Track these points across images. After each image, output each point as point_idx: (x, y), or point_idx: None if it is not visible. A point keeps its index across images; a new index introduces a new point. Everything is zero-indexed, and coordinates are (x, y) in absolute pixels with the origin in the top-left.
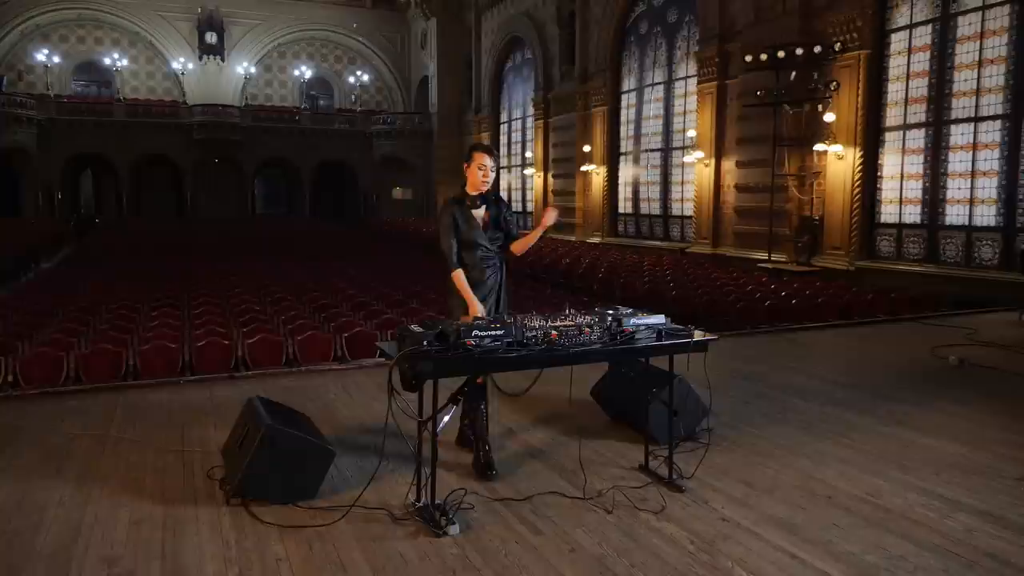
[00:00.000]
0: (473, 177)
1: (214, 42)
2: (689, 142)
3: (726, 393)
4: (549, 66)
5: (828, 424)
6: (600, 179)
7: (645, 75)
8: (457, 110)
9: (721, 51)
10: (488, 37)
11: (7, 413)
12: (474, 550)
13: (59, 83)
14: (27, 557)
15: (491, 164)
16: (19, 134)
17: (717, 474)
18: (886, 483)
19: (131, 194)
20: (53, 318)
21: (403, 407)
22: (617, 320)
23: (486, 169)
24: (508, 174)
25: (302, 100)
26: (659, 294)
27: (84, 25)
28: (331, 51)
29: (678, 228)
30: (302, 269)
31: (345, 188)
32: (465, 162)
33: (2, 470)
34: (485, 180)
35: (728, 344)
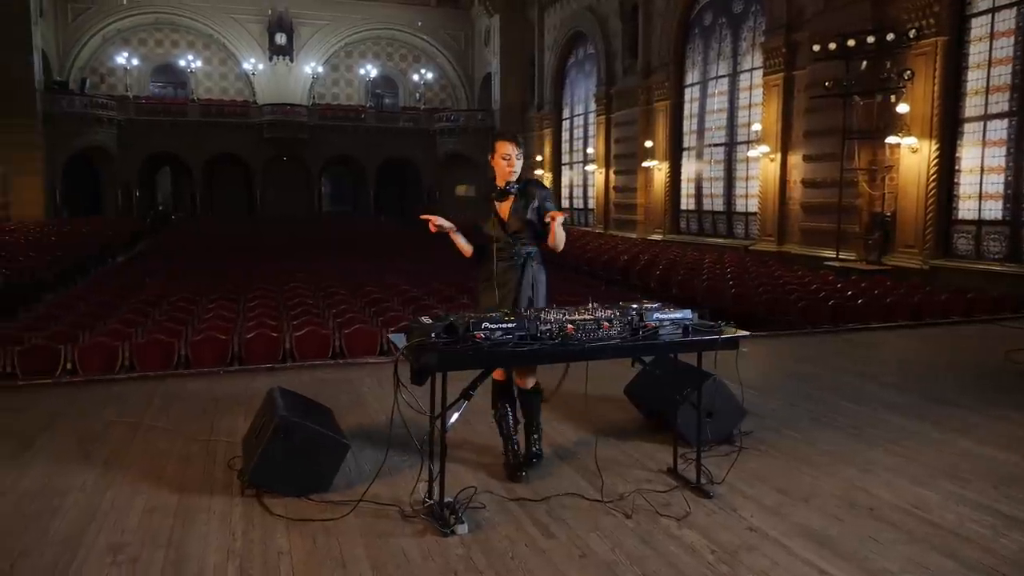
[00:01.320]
0: (499, 168)
1: (284, 43)
2: (754, 136)
3: (773, 395)
4: (611, 61)
5: (880, 430)
6: (662, 175)
7: (709, 68)
8: (520, 107)
9: (788, 41)
10: (551, 33)
11: (56, 399)
12: (480, 551)
13: (138, 85)
14: (39, 541)
15: (515, 152)
16: (100, 134)
17: (751, 480)
18: (937, 495)
19: (204, 192)
20: (116, 310)
21: (411, 401)
22: (639, 315)
23: (510, 158)
24: (570, 171)
25: (368, 99)
26: (718, 292)
27: (161, 29)
28: (396, 50)
29: (742, 225)
30: (361, 265)
31: (408, 185)
32: (489, 153)
33: (37, 453)
34: (510, 169)
35: (784, 344)
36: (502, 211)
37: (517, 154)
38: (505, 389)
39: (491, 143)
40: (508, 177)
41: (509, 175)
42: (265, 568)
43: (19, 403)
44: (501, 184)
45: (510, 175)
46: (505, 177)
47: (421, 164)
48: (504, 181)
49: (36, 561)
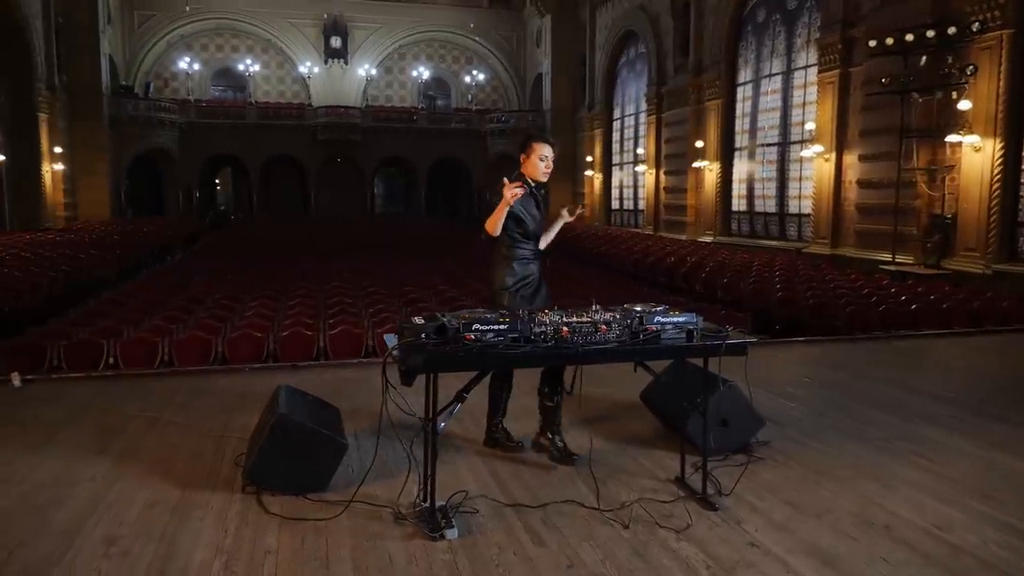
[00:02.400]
0: (534, 170)
1: (338, 46)
2: (808, 136)
3: (802, 403)
4: (662, 60)
5: (910, 443)
6: (713, 175)
7: (762, 66)
8: (570, 107)
9: (844, 37)
10: (602, 33)
11: (87, 392)
12: (466, 557)
13: (199, 89)
14: (39, 531)
15: (552, 155)
16: (162, 136)
17: (762, 492)
18: (962, 515)
19: (260, 192)
20: (161, 307)
21: (400, 403)
22: (640, 318)
23: (548, 160)
24: (620, 171)
25: (420, 100)
26: (763, 295)
27: (222, 34)
28: (449, 52)
29: (795, 227)
30: (408, 265)
31: (460, 186)
32: (522, 153)
33: (58, 444)
34: (547, 172)
35: (824, 350)
36: (536, 209)
37: (553, 157)
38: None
39: (525, 143)
40: (541, 179)
41: (543, 177)
42: (250, 566)
43: (52, 394)
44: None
45: (543, 177)
46: (540, 178)
47: (472, 165)
48: (538, 182)
49: (32, 551)
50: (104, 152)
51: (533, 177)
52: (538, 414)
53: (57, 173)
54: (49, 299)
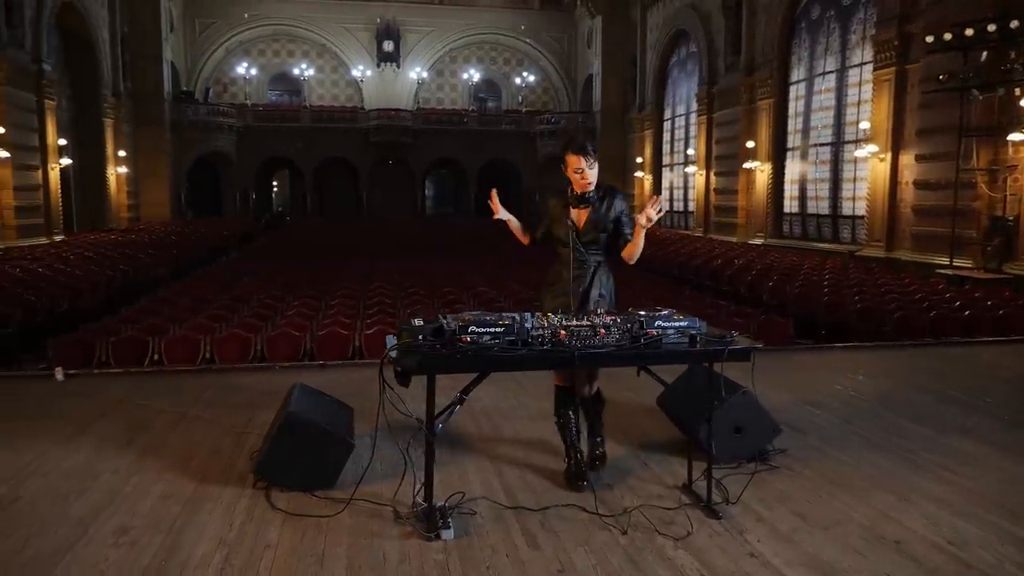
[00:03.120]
0: (572, 181)
1: (391, 50)
2: (862, 135)
3: (829, 410)
4: (714, 59)
5: (937, 455)
6: (764, 176)
7: (815, 64)
8: (620, 108)
9: (901, 33)
10: (653, 33)
11: (123, 387)
12: (459, 558)
13: (256, 93)
14: (57, 519)
15: (587, 164)
16: (221, 140)
17: (771, 502)
18: (980, 531)
19: (314, 194)
20: (208, 305)
21: (397, 404)
22: (640, 322)
23: (583, 171)
24: (670, 172)
25: (471, 102)
26: (810, 299)
27: (279, 39)
28: (500, 54)
29: (848, 229)
30: (454, 266)
31: (509, 188)
32: (561, 164)
33: (89, 437)
34: (584, 181)
35: (866, 356)
36: (578, 218)
37: (589, 164)
38: (568, 396)
39: (561, 155)
40: (585, 188)
41: (586, 186)
42: (249, 559)
43: (90, 389)
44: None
45: (587, 186)
46: (583, 188)
47: (522, 166)
48: (581, 190)
49: (47, 539)
50: (165, 155)
51: (575, 186)
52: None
53: (121, 176)
54: (107, 297)
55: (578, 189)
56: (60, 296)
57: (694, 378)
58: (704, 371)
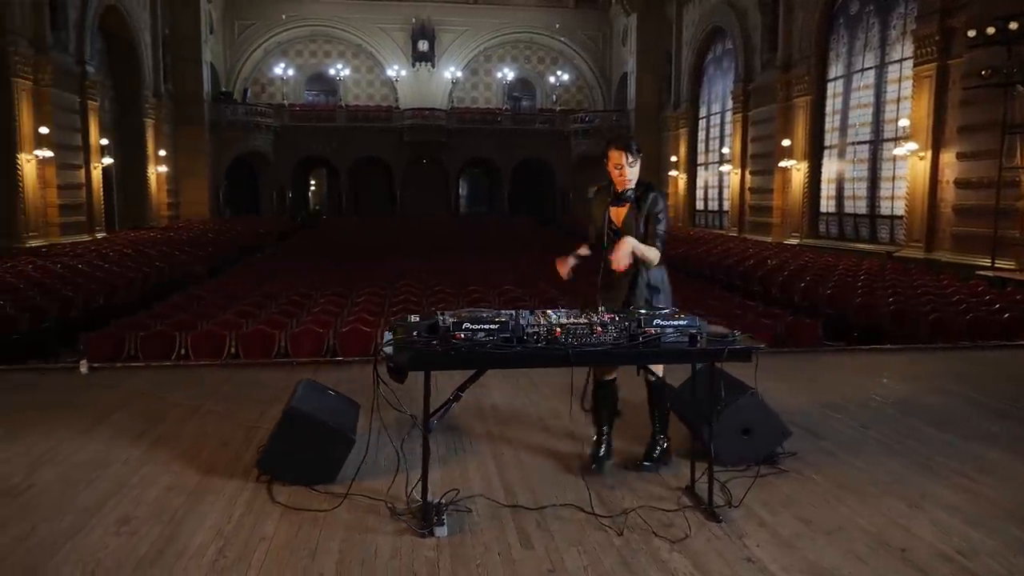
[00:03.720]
0: (612, 176)
1: (426, 49)
2: (902, 133)
3: (847, 414)
4: (750, 56)
5: (955, 461)
6: (800, 175)
7: (854, 60)
8: (655, 106)
9: (943, 27)
10: (689, 30)
11: (144, 380)
12: (449, 556)
13: (293, 94)
14: (64, 507)
15: (627, 161)
16: (258, 140)
17: (775, 506)
18: (992, 541)
19: (349, 193)
20: (237, 302)
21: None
22: (639, 321)
23: (622, 168)
24: (705, 171)
25: (505, 101)
26: (842, 300)
27: (316, 40)
28: (534, 52)
29: (887, 229)
30: (481, 265)
31: (543, 187)
32: (603, 159)
33: (105, 428)
34: (622, 178)
35: (890, 359)
36: (617, 216)
37: (631, 161)
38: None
39: (604, 150)
40: (623, 185)
41: (624, 184)
42: (243, 551)
43: (113, 382)
44: (619, 189)
45: (625, 184)
46: (621, 185)
47: (555, 165)
48: (620, 188)
49: (53, 525)
50: (205, 155)
51: (615, 183)
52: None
53: (161, 175)
54: (142, 293)
55: (617, 186)
56: (97, 292)
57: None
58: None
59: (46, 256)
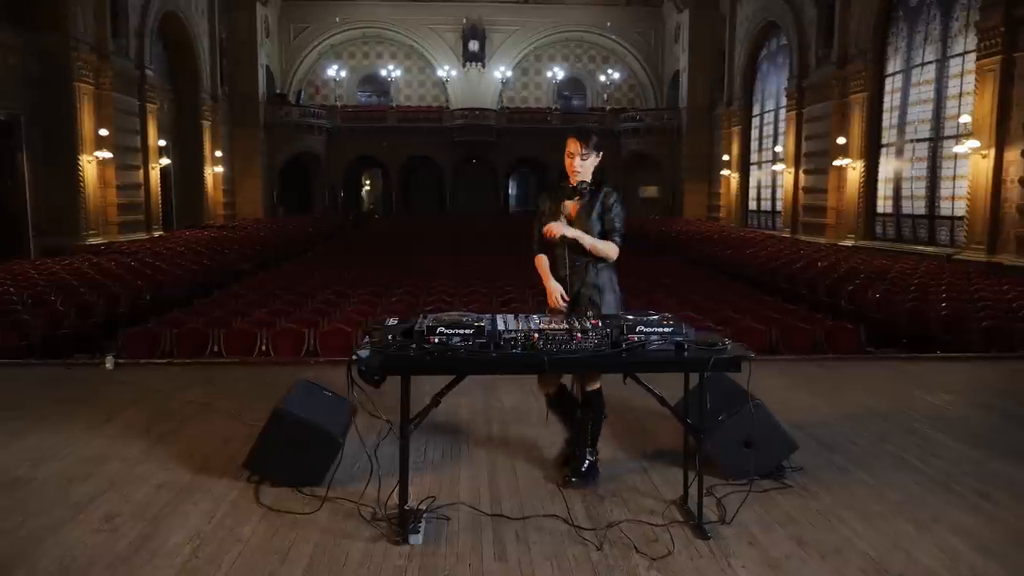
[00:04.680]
0: (566, 165)
1: (476, 50)
2: (963, 130)
3: (866, 427)
4: (804, 52)
5: (978, 480)
6: (856, 174)
7: (913, 54)
8: (707, 104)
9: (1008, 18)
10: (742, 26)
11: (163, 377)
12: (419, 564)
13: (347, 95)
14: (56, 502)
15: (580, 151)
16: (311, 140)
17: (771, 524)
18: (1003, 569)
19: (400, 192)
20: (276, 299)
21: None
22: (621, 327)
23: (573, 156)
24: (758, 171)
25: (555, 100)
26: (891, 305)
27: (368, 42)
28: (585, 51)
29: (946, 231)
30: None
31: None
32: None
33: (114, 424)
34: (572, 169)
35: (930, 368)
36: (571, 212)
37: (583, 153)
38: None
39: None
40: (574, 175)
41: (573, 174)
42: (216, 552)
43: (133, 378)
44: (573, 183)
45: (574, 174)
46: (572, 175)
47: (605, 165)
48: (573, 180)
49: (42, 520)
50: (259, 155)
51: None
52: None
53: (217, 175)
54: (189, 290)
55: (569, 177)
56: (144, 289)
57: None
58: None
59: (102, 253)
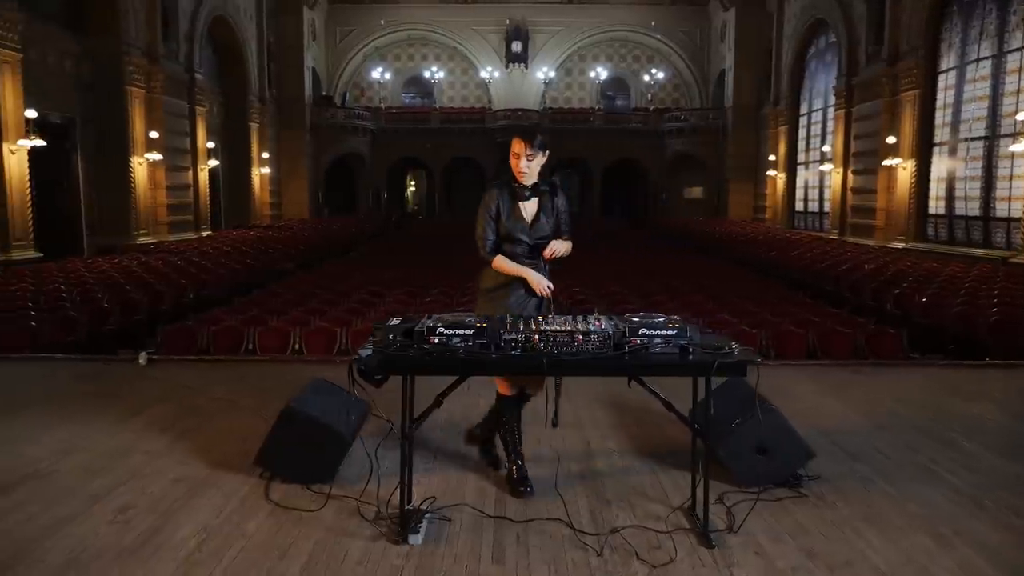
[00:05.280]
0: (512, 165)
1: (519, 50)
2: (1021, 128)
3: (897, 435)
4: (854, 49)
5: (1013, 495)
6: (907, 175)
7: (968, 50)
8: (753, 104)
9: None
10: (790, 23)
11: (192, 374)
12: (415, 564)
13: (391, 97)
14: (74, 494)
15: (526, 150)
16: (356, 142)
17: (781, 534)
18: None
19: (443, 193)
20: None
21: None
22: (624, 330)
23: (519, 156)
24: (805, 171)
25: (598, 101)
26: (939, 310)
27: (413, 44)
28: (629, 51)
29: (1002, 232)
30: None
31: (635, 187)
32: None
33: (140, 419)
34: (519, 170)
35: (975, 375)
36: (526, 212)
37: (529, 153)
38: (514, 402)
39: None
40: (520, 176)
41: (519, 175)
42: (219, 547)
43: (164, 374)
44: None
45: (520, 175)
46: (518, 176)
47: (649, 165)
48: (521, 180)
49: (60, 510)
50: (305, 157)
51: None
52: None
53: (264, 176)
54: (230, 288)
55: (518, 177)
56: (187, 287)
57: (728, 390)
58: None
59: (151, 252)
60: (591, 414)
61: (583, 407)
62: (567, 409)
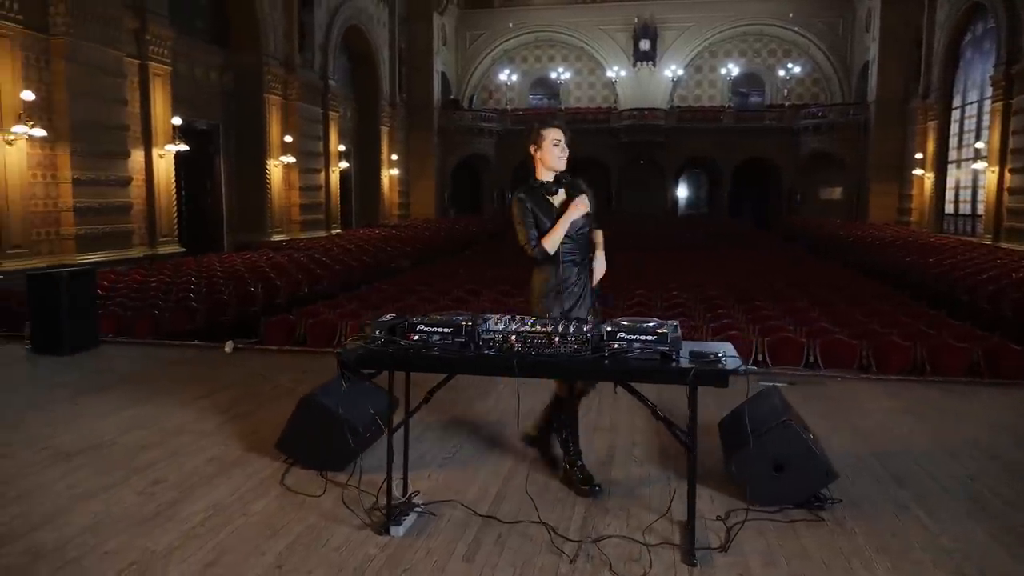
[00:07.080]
0: (548, 157)
1: (647, 49)
2: None
3: (963, 461)
4: (1014, 35)
5: None
6: None
7: None
8: (899, 97)
9: None
10: (943, 9)
11: (271, 362)
12: (387, 556)
13: (518, 98)
14: (120, 464)
15: (565, 139)
16: (481, 143)
17: (776, 558)
18: None
19: None
20: (412, 295)
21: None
22: (603, 333)
23: (561, 144)
24: (957, 169)
25: (729, 98)
26: None
27: (540, 45)
28: (764, 45)
29: None
30: (663, 265)
31: (768, 187)
32: (532, 144)
33: (206, 401)
34: (563, 157)
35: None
36: (561, 207)
37: (568, 141)
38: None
39: (535, 132)
40: (558, 167)
41: (559, 164)
42: (221, 523)
43: (244, 361)
44: (546, 176)
45: (560, 164)
46: (554, 168)
47: (782, 164)
48: (551, 172)
49: (103, 479)
50: (433, 158)
51: (548, 166)
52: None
53: (393, 177)
54: (344, 283)
55: (555, 168)
56: (303, 282)
57: (760, 402)
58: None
59: (281, 249)
60: (630, 419)
61: (624, 411)
62: (607, 413)
